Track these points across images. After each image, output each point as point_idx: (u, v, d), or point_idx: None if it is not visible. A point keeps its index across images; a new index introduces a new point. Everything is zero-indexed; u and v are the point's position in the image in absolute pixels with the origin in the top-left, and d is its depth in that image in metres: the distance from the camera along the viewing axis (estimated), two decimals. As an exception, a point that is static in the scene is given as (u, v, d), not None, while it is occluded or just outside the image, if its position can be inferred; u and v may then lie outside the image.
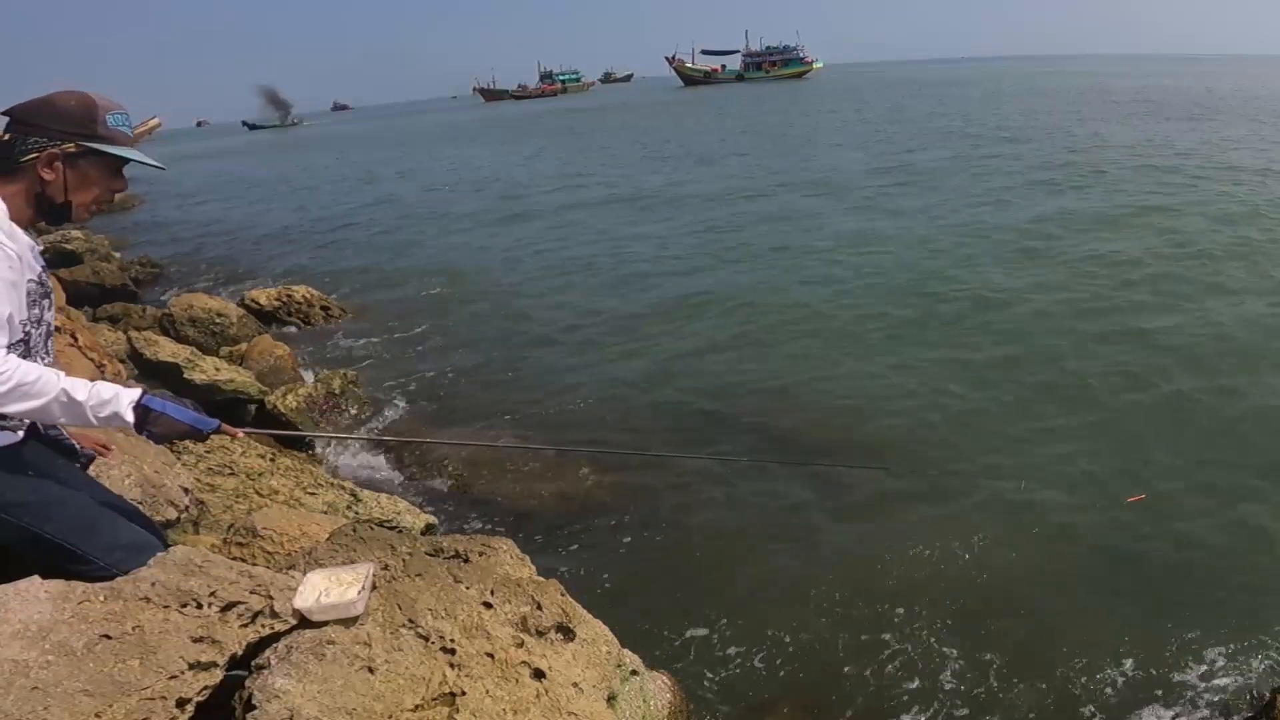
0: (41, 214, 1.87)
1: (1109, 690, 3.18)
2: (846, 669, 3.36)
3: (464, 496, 4.83)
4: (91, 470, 2.20)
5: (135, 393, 1.84)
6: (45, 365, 1.89)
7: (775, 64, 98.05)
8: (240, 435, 2.13)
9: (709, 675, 3.34)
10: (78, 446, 2.14)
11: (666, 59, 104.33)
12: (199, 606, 1.87)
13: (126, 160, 1.93)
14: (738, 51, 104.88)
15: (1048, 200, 12.72)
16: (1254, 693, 3.10)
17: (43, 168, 1.82)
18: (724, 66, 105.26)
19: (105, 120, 1.87)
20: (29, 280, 1.80)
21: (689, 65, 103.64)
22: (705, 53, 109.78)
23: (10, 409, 1.70)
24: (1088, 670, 3.27)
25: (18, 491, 1.86)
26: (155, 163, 2.06)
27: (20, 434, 1.89)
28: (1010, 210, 12.17)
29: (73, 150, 1.84)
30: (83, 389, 1.76)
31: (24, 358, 1.81)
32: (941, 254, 10.02)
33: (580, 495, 4.75)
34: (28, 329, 1.83)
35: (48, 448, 2.02)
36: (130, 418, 1.80)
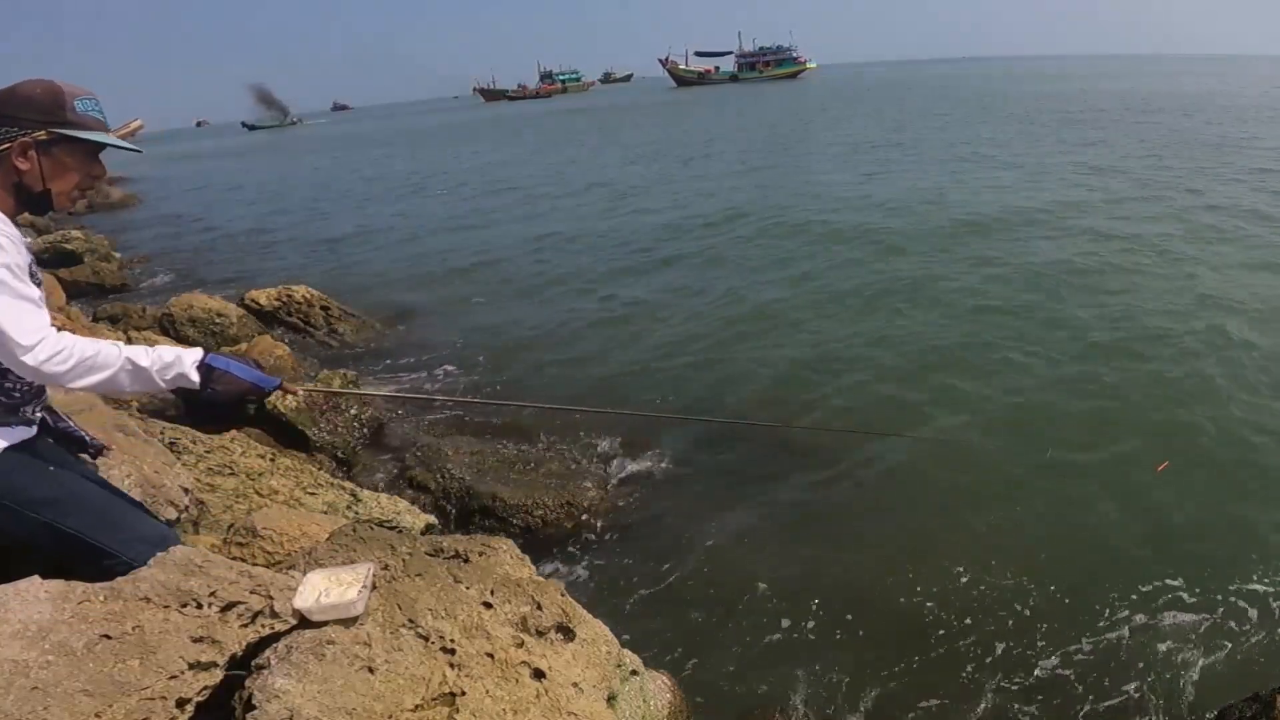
0: (23, 204, 1.87)
1: (1109, 689, 3.18)
2: (848, 667, 3.36)
3: (464, 496, 4.83)
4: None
5: (197, 353, 1.89)
6: None
7: (769, 64, 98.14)
8: (300, 392, 2.21)
9: (709, 675, 3.34)
10: (87, 437, 2.15)
11: (660, 60, 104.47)
12: (199, 606, 1.86)
13: (102, 146, 1.92)
14: (731, 53, 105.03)
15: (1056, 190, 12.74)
16: (1254, 693, 3.10)
17: (17, 157, 1.81)
18: (717, 68, 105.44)
19: (74, 106, 1.85)
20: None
21: (682, 67, 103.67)
22: (699, 54, 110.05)
23: (77, 385, 1.74)
24: (1087, 669, 3.27)
25: (40, 488, 1.87)
26: (130, 146, 2.06)
27: (34, 428, 1.89)
28: (1022, 193, 12.21)
29: (44, 138, 1.82)
30: (144, 354, 1.80)
31: None
32: (953, 228, 10.17)
33: (581, 495, 4.74)
34: None
35: (58, 442, 2.03)
36: (195, 377, 1.85)
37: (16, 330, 1.66)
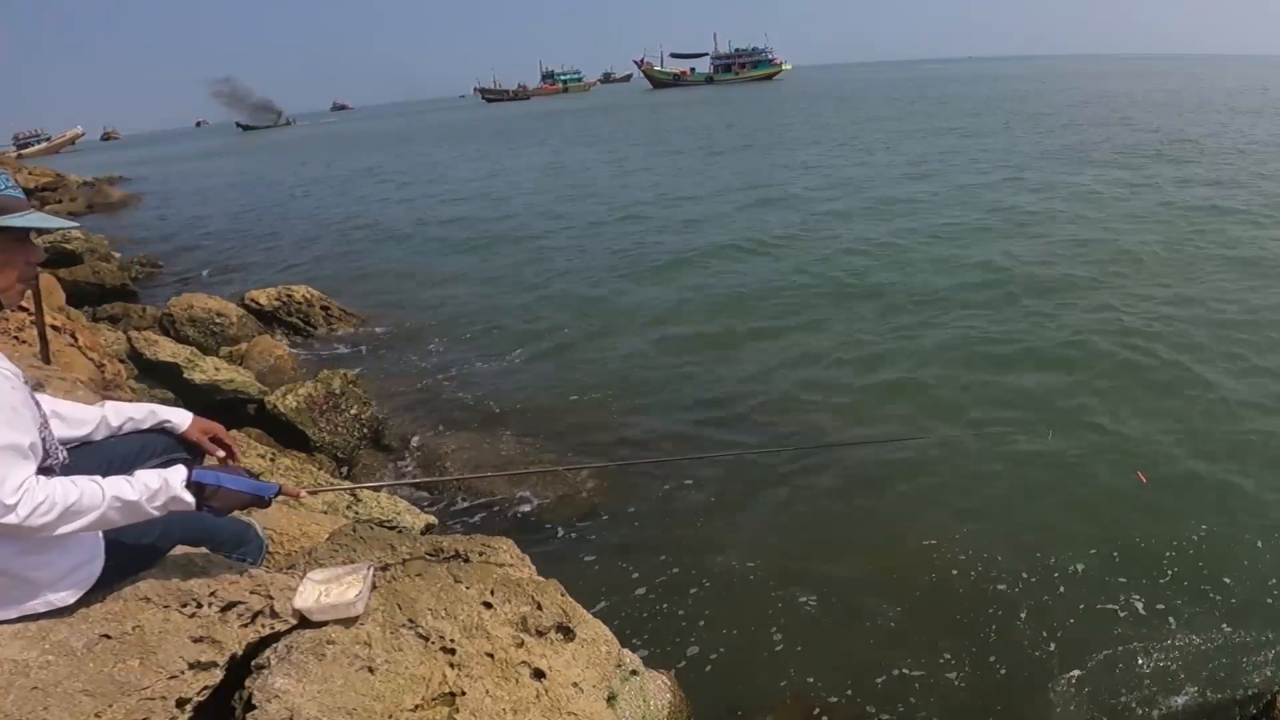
0: None
1: (1108, 688, 3.18)
2: (849, 667, 3.35)
3: (464, 496, 4.83)
4: None
5: (181, 472, 1.73)
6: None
7: (745, 66, 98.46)
8: (304, 496, 2.07)
9: (709, 675, 3.34)
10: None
11: (635, 62, 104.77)
12: (199, 606, 1.87)
13: (29, 228, 1.69)
14: (706, 54, 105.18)
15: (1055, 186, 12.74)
16: (1254, 693, 3.10)
17: None
18: (693, 69, 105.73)
19: None
20: None
21: (657, 68, 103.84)
22: (674, 55, 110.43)
23: (64, 531, 1.59)
24: (1087, 669, 3.27)
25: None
26: (65, 223, 1.87)
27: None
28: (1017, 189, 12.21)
29: None
30: (129, 487, 1.64)
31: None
32: (947, 234, 10.07)
33: (580, 495, 4.75)
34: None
35: None
36: (189, 498, 1.71)
37: (1, 489, 1.50)
